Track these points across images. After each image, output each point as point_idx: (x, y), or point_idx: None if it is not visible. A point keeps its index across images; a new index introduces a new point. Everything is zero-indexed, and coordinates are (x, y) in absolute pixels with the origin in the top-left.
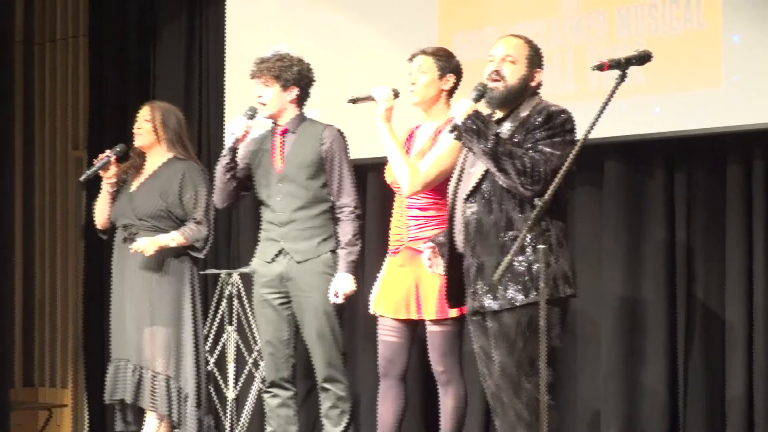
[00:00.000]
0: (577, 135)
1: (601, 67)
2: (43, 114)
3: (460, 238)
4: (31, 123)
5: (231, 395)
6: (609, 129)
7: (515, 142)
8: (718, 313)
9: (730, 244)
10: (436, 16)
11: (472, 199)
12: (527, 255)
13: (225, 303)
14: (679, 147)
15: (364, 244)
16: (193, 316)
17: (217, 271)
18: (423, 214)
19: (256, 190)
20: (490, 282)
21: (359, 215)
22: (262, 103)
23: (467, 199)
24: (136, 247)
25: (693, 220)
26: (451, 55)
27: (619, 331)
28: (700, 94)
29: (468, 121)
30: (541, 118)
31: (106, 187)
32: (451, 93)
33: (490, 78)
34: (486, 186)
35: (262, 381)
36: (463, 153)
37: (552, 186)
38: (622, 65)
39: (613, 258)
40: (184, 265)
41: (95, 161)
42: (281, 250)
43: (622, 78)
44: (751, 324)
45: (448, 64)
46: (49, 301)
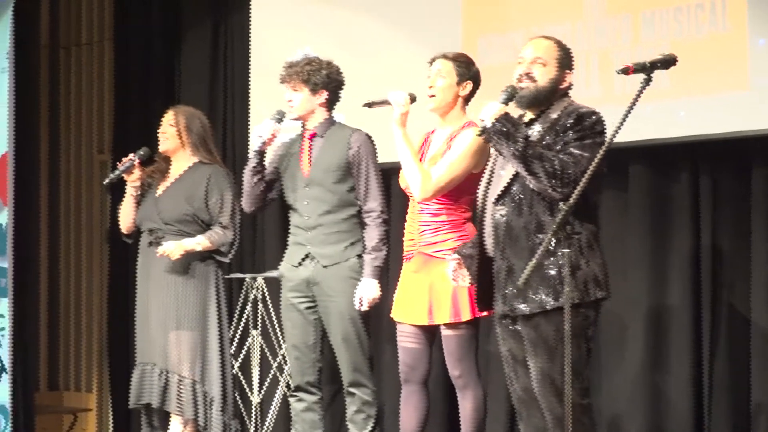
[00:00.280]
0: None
1: (626, 70)
2: (68, 118)
3: (489, 241)
4: (56, 126)
5: (256, 399)
6: (634, 133)
7: (545, 144)
8: (744, 318)
9: (755, 248)
10: (460, 20)
11: (501, 202)
12: (557, 258)
13: (250, 307)
14: (704, 151)
15: (390, 249)
16: (219, 320)
17: (242, 275)
18: (434, 220)
19: (284, 194)
20: (517, 286)
21: (385, 220)
22: (291, 107)
23: (497, 201)
24: (162, 250)
25: (718, 224)
26: (471, 61)
27: (644, 336)
28: (725, 97)
29: (497, 124)
30: (571, 120)
31: (131, 191)
32: (468, 100)
33: (519, 80)
34: (516, 188)
35: (287, 385)
36: (492, 155)
37: (577, 189)
38: (647, 69)
39: (638, 262)
40: (210, 268)
41: (119, 164)
42: (308, 254)
43: (647, 82)
44: None
45: (467, 71)
46: (74, 305)
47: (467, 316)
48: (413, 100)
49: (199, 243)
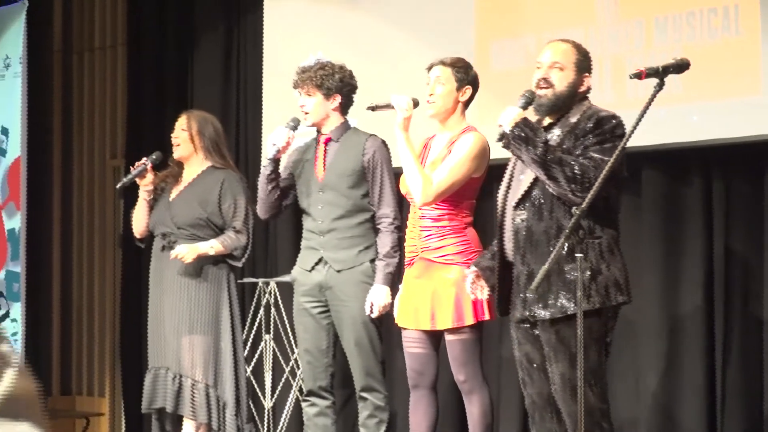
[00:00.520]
0: None
1: (638, 75)
2: (81, 122)
3: (509, 246)
4: (69, 131)
5: (268, 404)
6: (647, 137)
7: (564, 148)
8: (757, 324)
9: None
10: (473, 25)
11: (521, 207)
12: (577, 263)
13: (262, 311)
14: (717, 155)
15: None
16: (232, 324)
17: (254, 280)
18: (436, 225)
19: (298, 198)
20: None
21: (398, 227)
22: (305, 113)
23: (517, 206)
24: (175, 254)
25: (731, 228)
26: (469, 66)
27: (657, 340)
28: (738, 102)
29: (516, 129)
30: (590, 124)
31: (143, 195)
32: (467, 105)
33: (538, 85)
34: (536, 193)
35: (300, 390)
36: (511, 159)
37: (590, 194)
38: (660, 74)
39: (651, 266)
40: (222, 272)
41: (132, 169)
42: (321, 258)
43: (660, 86)
44: None
45: (466, 76)
46: (87, 309)
47: (470, 320)
48: (416, 104)
49: (213, 247)
